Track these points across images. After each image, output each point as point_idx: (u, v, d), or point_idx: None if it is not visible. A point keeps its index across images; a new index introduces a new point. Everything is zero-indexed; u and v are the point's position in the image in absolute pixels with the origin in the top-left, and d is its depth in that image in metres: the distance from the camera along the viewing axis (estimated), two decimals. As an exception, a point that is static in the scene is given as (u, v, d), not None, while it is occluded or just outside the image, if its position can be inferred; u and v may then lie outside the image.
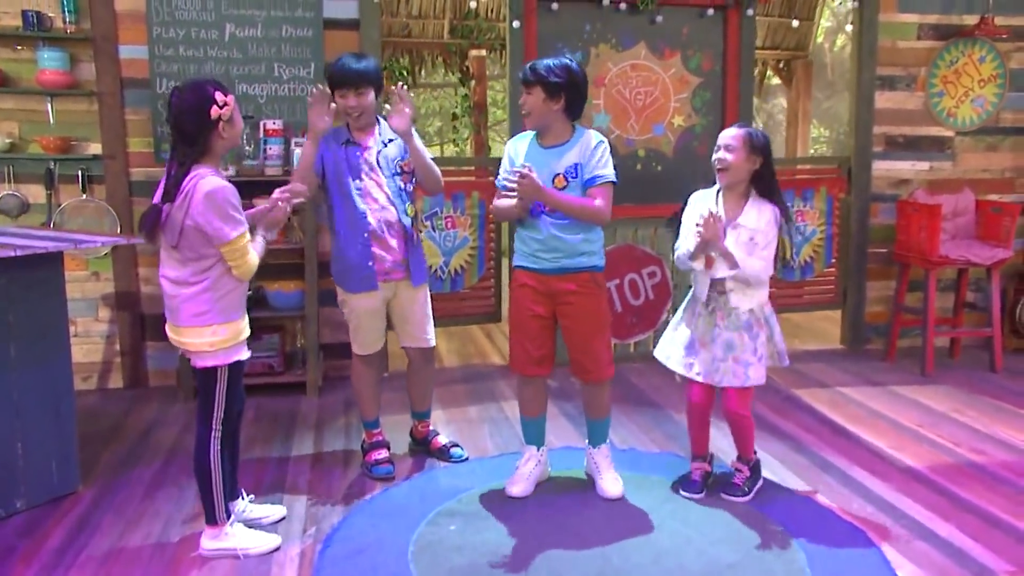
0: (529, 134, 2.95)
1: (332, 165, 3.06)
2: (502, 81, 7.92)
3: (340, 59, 3.02)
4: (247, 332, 2.55)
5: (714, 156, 2.83)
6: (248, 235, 2.43)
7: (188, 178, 2.37)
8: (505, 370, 4.61)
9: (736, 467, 2.97)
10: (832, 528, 2.72)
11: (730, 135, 2.80)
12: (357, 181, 3.03)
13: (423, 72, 6.84)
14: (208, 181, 2.36)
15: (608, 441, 3.11)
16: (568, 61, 2.82)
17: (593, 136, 2.87)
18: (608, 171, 2.83)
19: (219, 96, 2.36)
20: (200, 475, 2.51)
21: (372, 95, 3.00)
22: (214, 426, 2.49)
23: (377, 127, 3.10)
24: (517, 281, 2.97)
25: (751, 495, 2.90)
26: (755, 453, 2.99)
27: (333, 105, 2.98)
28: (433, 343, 3.30)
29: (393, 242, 3.06)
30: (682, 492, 2.99)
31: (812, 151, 9.99)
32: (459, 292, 4.62)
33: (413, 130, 3.01)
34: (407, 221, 3.08)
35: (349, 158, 3.05)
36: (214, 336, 2.43)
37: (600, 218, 2.84)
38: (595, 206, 2.80)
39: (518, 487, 2.97)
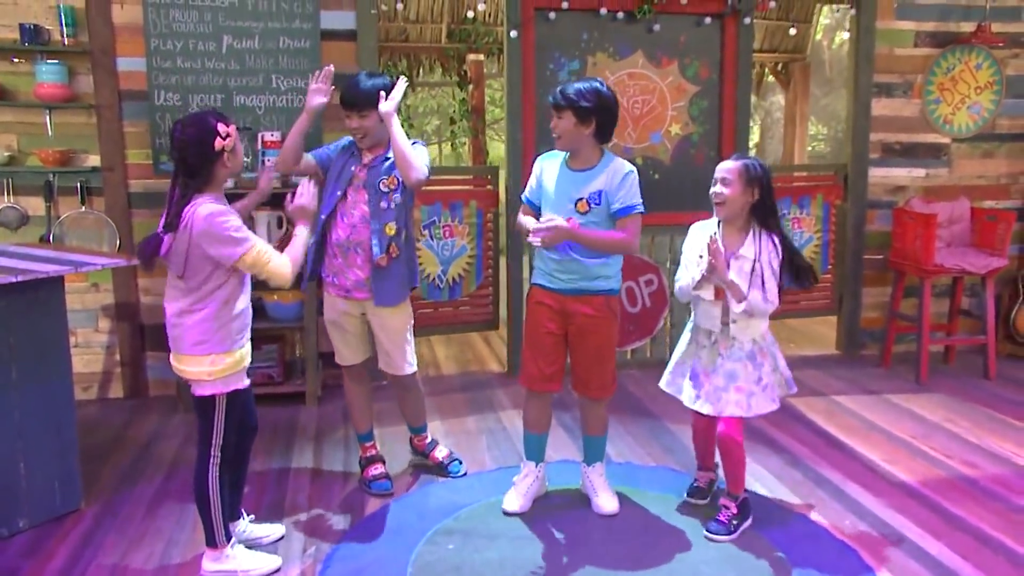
0: (561, 153, 2.96)
1: (332, 170, 3.09)
2: (500, 79, 7.91)
3: (353, 78, 3.03)
4: (247, 361, 2.57)
5: (711, 189, 2.82)
6: (258, 247, 2.43)
7: (188, 207, 2.39)
8: (504, 378, 4.65)
9: (723, 504, 2.90)
10: (825, 548, 2.76)
11: (726, 168, 2.79)
12: (339, 192, 3.04)
13: (420, 71, 6.83)
14: (205, 207, 2.39)
15: (604, 458, 3.14)
16: (598, 85, 2.83)
17: (623, 166, 2.87)
18: (636, 201, 2.85)
19: (221, 128, 2.39)
20: (199, 500, 2.54)
21: (377, 117, 2.99)
22: (213, 453, 2.52)
23: (388, 148, 3.07)
24: (534, 298, 3.00)
25: (735, 535, 2.82)
26: (745, 491, 2.92)
27: (332, 87, 3.02)
28: (407, 372, 3.22)
29: (359, 261, 3.04)
30: (687, 498, 3.07)
31: (810, 148, 10.00)
32: (457, 300, 4.65)
33: (396, 119, 2.96)
34: (379, 243, 3.00)
35: (345, 169, 3.07)
36: (213, 366, 2.46)
37: (628, 249, 2.91)
38: (622, 238, 2.83)
39: (515, 503, 3.01)
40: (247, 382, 2.59)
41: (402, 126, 3.09)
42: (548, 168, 2.97)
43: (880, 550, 2.75)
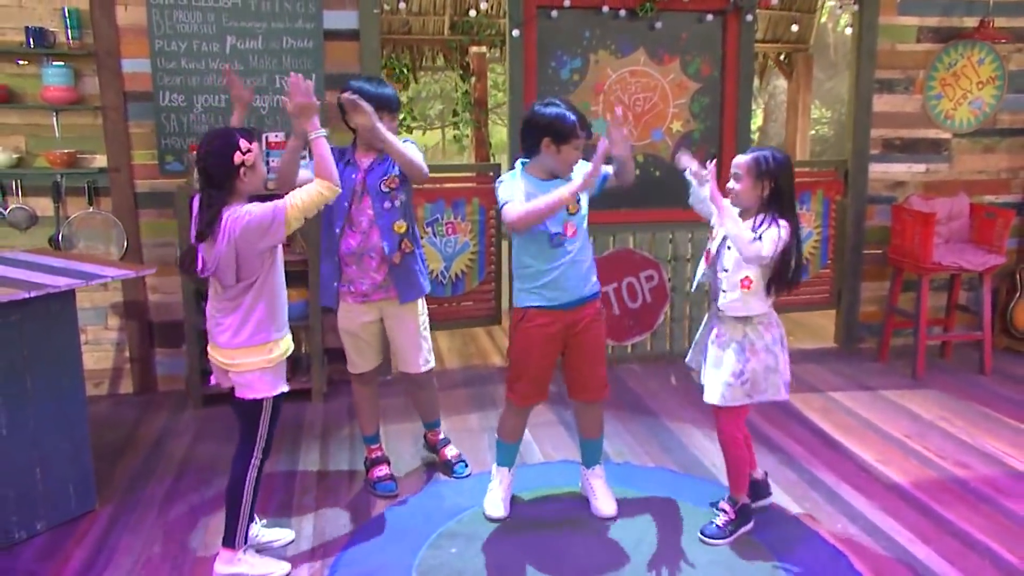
0: (516, 172, 2.92)
1: None
2: (503, 64, 7.91)
3: (370, 84, 3.05)
4: (292, 347, 2.68)
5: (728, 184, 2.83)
6: (289, 201, 2.46)
7: (222, 220, 2.45)
8: (505, 372, 4.71)
9: (721, 507, 2.95)
10: (817, 552, 2.84)
11: (736, 163, 2.78)
12: (345, 203, 3.07)
13: (423, 62, 6.82)
14: (237, 214, 2.45)
15: (602, 459, 3.22)
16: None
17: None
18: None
19: (243, 143, 2.43)
20: (231, 500, 2.62)
21: (388, 120, 3.07)
22: (255, 455, 2.62)
23: (380, 153, 3.13)
24: (532, 322, 2.93)
25: (729, 539, 2.88)
26: (749, 497, 2.96)
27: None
28: (425, 368, 3.29)
29: (373, 265, 3.10)
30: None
31: (813, 131, 10.00)
32: (459, 296, 4.72)
33: (378, 123, 2.93)
34: (390, 243, 3.08)
35: (345, 179, 3.07)
36: (270, 353, 2.56)
37: None
38: None
39: (501, 509, 3.08)
40: (287, 387, 2.68)
41: (405, 110, 3.17)
42: (523, 186, 2.87)
43: (870, 555, 2.82)
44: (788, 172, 2.76)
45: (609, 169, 2.95)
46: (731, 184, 2.79)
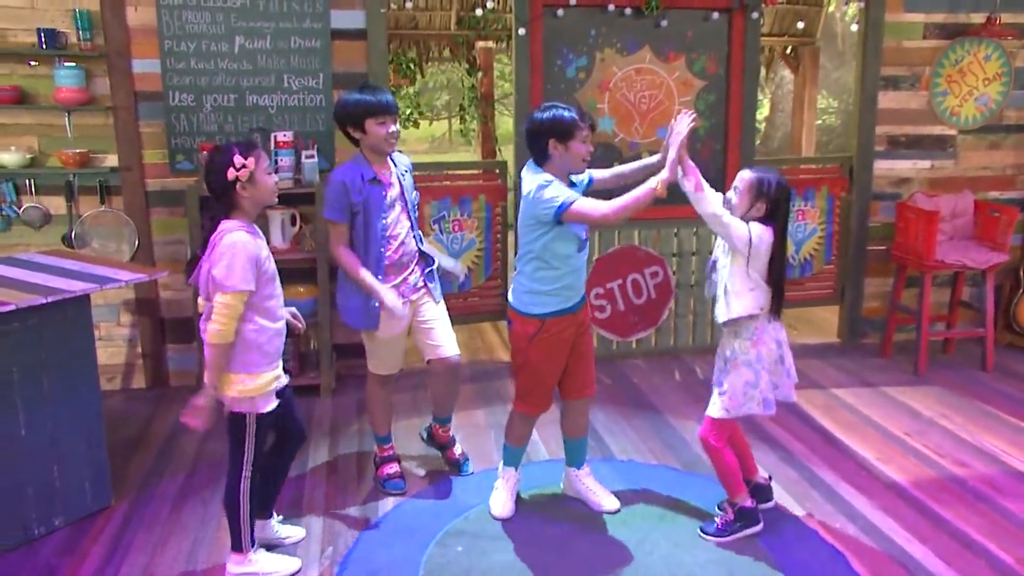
0: (547, 175, 2.87)
1: (362, 204, 3.09)
2: (509, 55, 7.91)
3: (365, 92, 3.07)
4: (281, 381, 2.69)
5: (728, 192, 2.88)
6: (234, 301, 2.45)
7: (216, 232, 2.51)
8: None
9: (723, 507, 3.02)
10: (816, 552, 2.90)
11: (739, 177, 2.82)
12: (383, 220, 3.11)
13: (429, 56, 6.84)
14: (230, 236, 2.49)
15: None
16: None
17: None
18: None
19: (238, 159, 2.47)
20: (229, 511, 2.69)
21: (391, 122, 3.11)
22: (244, 468, 2.65)
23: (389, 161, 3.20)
24: (549, 332, 2.95)
25: (726, 539, 2.93)
26: (750, 499, 2.99)
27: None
28: (458, 353, 3.31)
29: (411, 267, 3.20)
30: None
31: (820, 121, 9.97)
32: (466, 292, 4.77)
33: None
34: (425, 247, 3.28)
35: (373, 199, 3.10)
36: (241, 385, 2.57)
37: None
38: None
39: (508, 508, 3.15)
40: (275, 403, 2.68)
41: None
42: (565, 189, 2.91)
43: (867, 555, 2.88)
44: (786, 200, 2.79)
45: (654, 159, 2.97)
46: (729, 195, 2.84)
